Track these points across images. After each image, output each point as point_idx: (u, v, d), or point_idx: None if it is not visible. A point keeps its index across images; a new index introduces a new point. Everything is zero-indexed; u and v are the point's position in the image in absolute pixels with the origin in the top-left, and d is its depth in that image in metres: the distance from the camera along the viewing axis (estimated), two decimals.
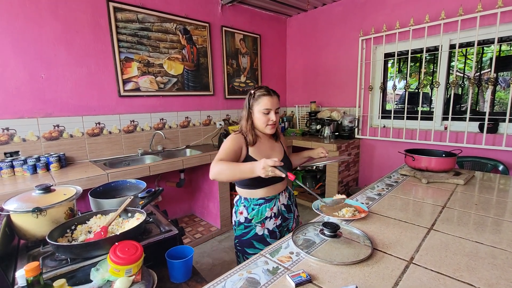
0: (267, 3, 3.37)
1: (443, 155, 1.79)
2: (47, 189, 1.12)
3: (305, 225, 1.09)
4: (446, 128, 2.66)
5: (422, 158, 1.71)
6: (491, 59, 2.40)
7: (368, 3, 3.07)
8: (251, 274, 0.80)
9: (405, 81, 2.90)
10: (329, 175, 3.04)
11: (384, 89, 3.13)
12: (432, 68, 2.96)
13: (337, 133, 3.27)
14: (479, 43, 2.44)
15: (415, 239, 0.97)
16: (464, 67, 2.84)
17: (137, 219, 1.07)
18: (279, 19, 3.90)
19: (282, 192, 1.40)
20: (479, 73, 2.64)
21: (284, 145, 1.49)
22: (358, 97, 3.22)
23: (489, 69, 2.53)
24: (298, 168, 1.63)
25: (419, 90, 2.76)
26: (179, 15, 2.80)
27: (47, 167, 2.02)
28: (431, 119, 2.79)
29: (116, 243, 0.87)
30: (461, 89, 2.72)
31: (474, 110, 2.67)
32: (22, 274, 0.72)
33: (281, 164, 1.03)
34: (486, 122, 2.38)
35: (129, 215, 1.13)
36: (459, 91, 2.71)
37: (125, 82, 2.52)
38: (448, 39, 2.58)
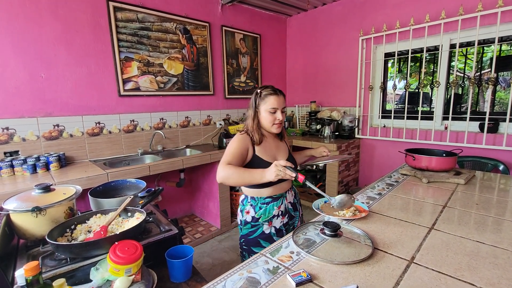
0: (267, 3, 3.37)
1: (444, 154, 1.79)
2: (46, 189, 1.11)
3: (306, 225, 1.09)
4: (446, 128, 2.66)
5: (422, 157, 1.71)
6: (491, 59, 2.40)
7: (368, 2, 3.06)
8: (251, 274, 0.80)
9: (405, 81, 2.90)
10: (329, 175, 3.04)
11: (384, 89, 3.13)
12: (432, 68, 2.95)
13: (337, 133, 3.26)
14: (480, 43, 2.43)
15: (416, 239, 0.97)
16: (464, 67, 2.84)
17: (137, 219, 1.06)
18: (279, 18, 3.89)
19: (289, 191, 1.41)
20: (479, 73, 2.64)
21: (287, 144, 1.50)
22: (358, 97, 3.22)
23: (489, 69, 2.53)
24: (298, 167, 1.62)
25: (419, 90, 2.75)
26: (179, 14, 2.80)
27: (46, 166, 2.01)
28: (431, 119, 2.79)
29: (116, 243, 0.87)
30: (461, 89, 2.71)
31: (475, 110, 2.67)
32: (21, 274, 0.72)
33: (291, 165, 1.04)
34: (487, 122, 2.38)
35: (129, 214, 1.13)
36: (459, 91, 2.71)
37: (125, 81, 2.51)
38: (448, 38, 2.58)
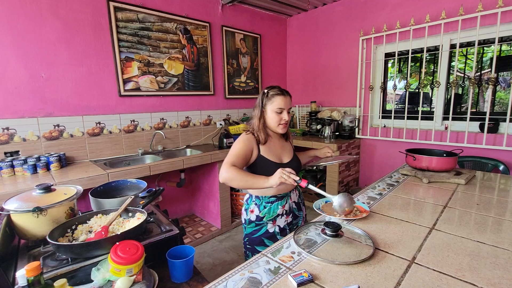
0: (268, 3, 3.37)
1: (444, 154, 1.79)
2: (47, 189, 1.11)
3: (307, 225, 1.09)
4: (446, 128, 2.66)
5: (423, 157, 1.71)
6: (491, 59, 2.40)
7: (369, 3, 3.06)
8: (252, 274, 0.80)
9: (405, 81, 2.90)
10: (329, 175, 3.04)
11: (384, 89, 3.13)
12: (433, 68, 2.95)
13: (338, 133, 3.26)
14: (480, 43, 2.43)
15: (416, 239, 0.97)
16: (464, 67, 2.84)
17: (138, 219, 1.06)
18: (280, 19, 3.89)
19: (293, 190, 1.42)
20: (479, 73, 2.64)
21: (292, 144, 1.50)
22: (358, 97, 3.22)
23: (489, 69, 2.53)
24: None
25: (420, 90, 2.75)
26: (179, 14, 2.80)
27: (47, 166, 2.01)
28: (431, 119, 2.79)
29: (117, 243, 0.87)
30: (461, 89, 2.71)
31: (475, 110, 2.67)
32: (22, 274, 0.72)
33: (295, 173, 1.09)
34: (487, 122, 2.38)
35: (130, 214, 1.13)
36: (459, 91, 2.71)
37: (125, 81, 2.51)
38: (448, 39, 2.58)
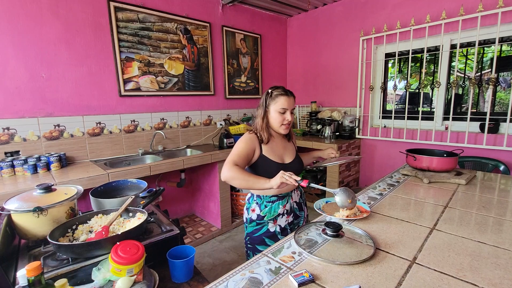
0: (268, 3, 3.37)
1: (445, 155, 1.79)
2: (48, 189, 1.11)
3: (307, 225, 1.09)
4: (447, 128, 2.66)
5: (423, 158, 1.71)
6: (491, 59, 2.40)
7: (369, 3, 3.06)
8: (253, 274, 0.80)
9: (405, 81, 2.90)
10: (329, 175, 3.04)
11: (384, 89, 3.13)
12: (433, 68, 2.95)
13: (338, 133, 3.26)
14: (480, 43, 2.43)
15: (417, 239, 0.97)
16: (464, 67, 2.84)
17: (138, 219, 1.06)
18: (280, 19, 3.90)
19: (295, 190, 1.42)
20: (479, 73, 2.64)
21: (295, 145, 1.50)
22: (358, 97, 3.22)
23: (489, 69, 2.53)
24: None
25: (420, 90, 2.75)
26: (179, 15, 2.80)
27: (47, 166, 2.01)
28: (432, 119, 2.79)
29: (118, 243, 0.86)
30: (461, 89, 2.71)
31: (475, 110, 2.67)
32: (23, 274, 0.72)
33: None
34: (487, 122, 2.38)
35: (130, 214, 1.13)
36: (459, 91, 2.71)
37: (125, 81, 2.51)
38: (449, 39, 2.58)
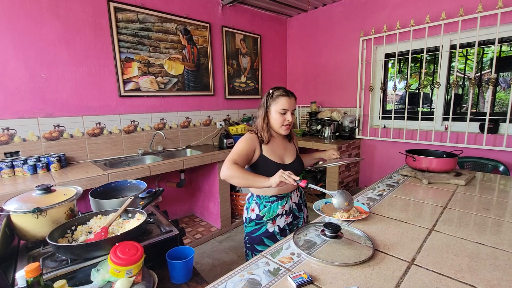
0: (268, 4, 3.37)
1: (444, 155, 1.79)
2: (47, 190, 1.11)
3: (306, 226, 1.09)
4: (446, 129, 2.66)
5: (423, 158, 1.71)
6: (491, 59, 2.40)
7: (369, 3, 3.06)
8: (252, 275, 0.80)
9: (405, 82, 2.90)
10: (329, 175, 3.04)
11: (384, 90, 3.13)
12: (433, 69, 2.95)
13: (338, 133, 3.26)
14: (480, 44, 2.43)
15: (416, 240, 0.97)
16: (464, 68, 2.84)
17: (137, 220, 1.06)
18: (280, 19, 3.90)
19: (294, 191, 1.42)
20: (479, 74, 2.64)
21: (296, 146, 1.50)
22: (358, 97, 3.22)
23: (489, 70, 2.53)
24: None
25: (420, 91, 2.75)
26: (179, 15, 2.80)
27: (47, 167, 2.01)
28: (431, 119, 2.79)
29: (117, 244, 0.87)
30: (461, 89, 2.71)
31: (475, 110, 2.67)
32: (22, 275, 0.72)
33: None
34: (487, 122, 2.38)
35: (130, 215, 1.13)
36: (459, 91, 2.71)
37: (125, 82, 2.51)
38: (448, 39, 2.58)
